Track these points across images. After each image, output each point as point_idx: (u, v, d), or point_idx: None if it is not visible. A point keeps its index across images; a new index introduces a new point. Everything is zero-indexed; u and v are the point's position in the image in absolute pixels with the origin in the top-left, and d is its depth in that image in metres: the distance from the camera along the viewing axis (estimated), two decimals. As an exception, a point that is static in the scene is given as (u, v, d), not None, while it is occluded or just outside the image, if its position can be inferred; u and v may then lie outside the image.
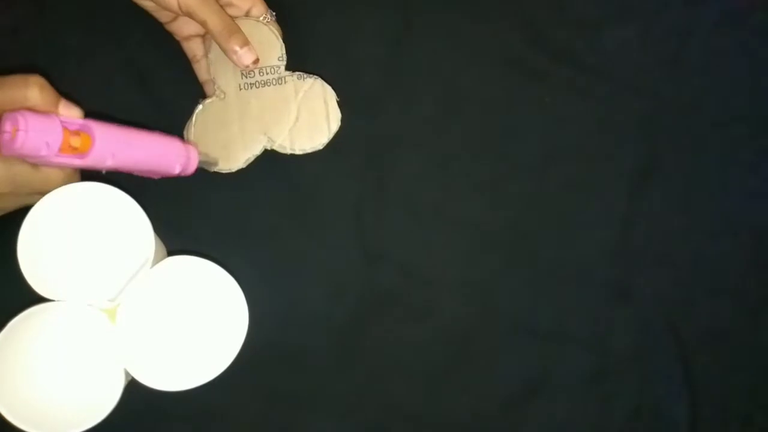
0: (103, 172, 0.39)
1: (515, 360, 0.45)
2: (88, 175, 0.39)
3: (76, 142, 0.36)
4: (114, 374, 0.37)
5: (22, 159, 0.36)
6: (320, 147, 0.44)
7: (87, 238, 0.37)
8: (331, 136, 0.44)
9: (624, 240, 0.47)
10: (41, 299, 0.37)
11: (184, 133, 0.44)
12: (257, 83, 0.45)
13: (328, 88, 0.45)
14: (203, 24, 0.42)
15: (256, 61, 0.43)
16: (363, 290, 0.45)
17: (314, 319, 0.45)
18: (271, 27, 0.45)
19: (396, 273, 0.46)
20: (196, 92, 0.46)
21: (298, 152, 0.44)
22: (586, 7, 0.50)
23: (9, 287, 0.37)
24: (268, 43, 0.45)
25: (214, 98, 0.45)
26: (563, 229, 0.47)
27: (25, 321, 0.37)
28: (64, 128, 0.35)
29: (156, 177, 0.42)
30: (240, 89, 0.45)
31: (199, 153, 0.42)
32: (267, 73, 0.45)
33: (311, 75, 0.45)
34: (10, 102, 0.35)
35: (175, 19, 0.45)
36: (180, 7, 0.42)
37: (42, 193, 0.38)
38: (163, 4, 0.42)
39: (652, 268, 0.47)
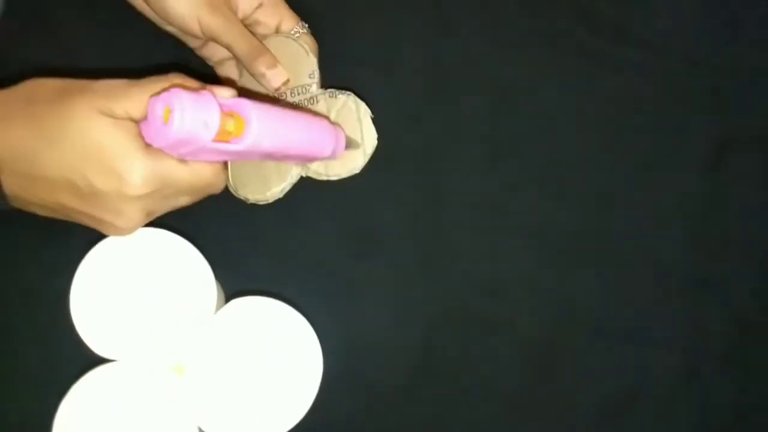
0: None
1: (600, 370, 0.44)
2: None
3: (229, 125, 0.33)
4: (187, 433, 0.36)
5: (171, 152, 0.34)
6: (357, 171, 0.42)
7: (144, 289, 0.37)
8: (367, 158, 0.42)
9: (704, 228, 0.45)
10: (101, 359, 0.36)
11: None
12: (289, 106, 0.43)
13: (362, 105, 0.42)
14: (228, 48, 0.41)
15: (287, 81, 0.42)
16: (429, 309, 0.44)
17: (382, 345, 0.43)
18: (301, 42, 0.43)
19: (462, 287, 0.44)
20: None
21: (333, 178, 0.42)
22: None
23: (64, 346, 0.36)
24: (298, 60, 0.43)
25: None
26: (637, 222, 0.45)
27: (86, 386, 0.36)
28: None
29: (305, 162, 0.40)
30: None
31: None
32: (298, 94, 0.43)
33: (343, 91, 0.43)
34: None
35: (204, 44, 0.44)
36: (203, 33, 0.41)
37: (189, 195, 0.37)
38: (186, 30, 0.41)
39: (738, 256, 0.45)
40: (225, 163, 0.37)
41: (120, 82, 0.35)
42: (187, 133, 0.31)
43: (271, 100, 0.37)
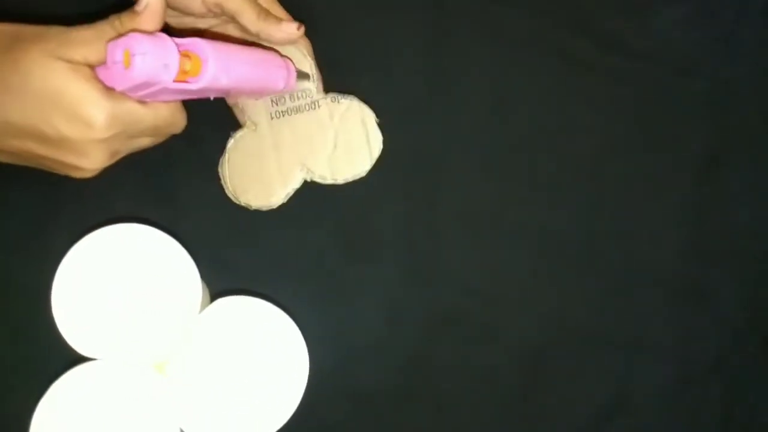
0: (211, 98, 0.37)
1: (592, 378, 0.43)
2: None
3: (186, 64, 0.33)
4: (168, 435, 0.35)
5: (131, 94, 0.34)
6: (363, 174, 0.42)
7: (128, 287, 0.35)
8: (373, 161, 0.42)
9: (697, 237, 0.44)
10: (82, 358, 0.35)
11: (219, 169, 0.42)
12: (289, 110, 0.42)
13: (366, 109, 0.42)
14: (237, 15, 0.39)
15: (300, 26, 0.41)
16: (423, 314, 0.43)
17: (373, 349, 0.42)
18: (298, 45, 0.42)
19: (456, 292, 0.43)
20: (225, 117, 0.43)
21: (340, 182, 0.42)
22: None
23: (45, 344, 0.35)
24: (297, 64, 0.42)
25: (245, 130, 0.42)
26: (630, 231, 0.44)
27: (67, 384, 0.34)
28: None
29: (258, 96, 0.40)
30: (272, 118, 0.42)
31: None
32: (298, 98, 0.42)
33: (346, 95, 0.42)
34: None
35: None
36: (207, 5, 0.39)
37: (151, 136, 0.37)
38: (185, 8, 0.39)
39: (730, 266, 0.44)
40: (183, 102, 0.38)
41: (74, 27, 0.34)
42: (149, 75, 0.32)
43: (222, 37, 0.37)
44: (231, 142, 0.42)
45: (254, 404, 0.35)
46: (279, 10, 0.41)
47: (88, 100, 0.33)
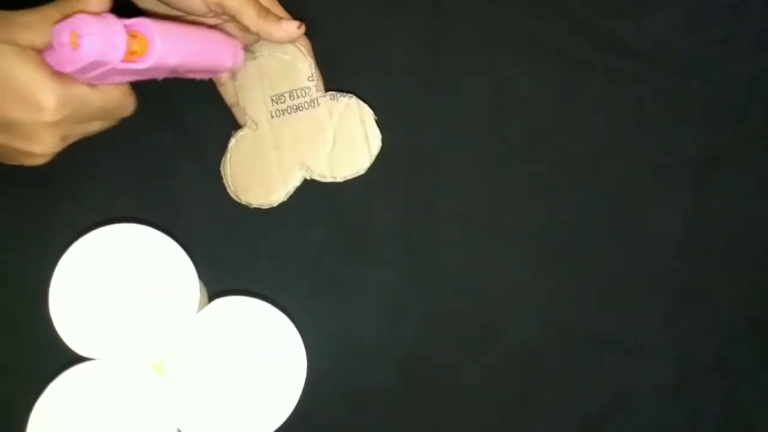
0: (160, 79, 0.36)
1: (591, 379, 0.42)
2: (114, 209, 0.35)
3: (134, 45, 0.32)
4: (166, 435, 0.34)
5: (79, 76, 0.33)
6: (362, 171, 0.42)
7: (126, 287, 0.35)
8: (372, 159, 0.42)
9: (694, 239, 0.44)
10: (80, 358, 0.34)
11: (221, 169, 0.42)
12: (289, 109, 0.42)
13: (365, 107, 0.42)
14: (237, 14, 0.39)
15: (300, 25, 0.40)
16: (421, 315, 0.42)
17: (372, 350, 0.42)
18: (297, 44, 0.42)
19: (454, 293, 0.43)
20: (221, 117, 0.43)
21: (339, 179, 0.42)
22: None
23: (43, 344, 0.35)
24: (296, 63, 0.42)
25: (246, 129, 0.42)
26: (627, 232, 0.44)
27: (64, 384, 0.34)
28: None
29: (207, 76, 0.40)
30: (272, 117, 0.42)
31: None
32: (298, 97, 0.42)
33: (345, 93, 0.42)
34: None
35: None
36: (208, 5, 0.39)
37: (101, 119, 0.37)
38: (187, 8, 0.39)
39: (730, 264, 0.44)
40: (131, 84, 0.38)
41: (18, 10, 0.33)
42: (97, 56, 0.31)
43: (169, 18, 0.37)
44: (233, 141, 0.41)
45: (252, 404, 0.34)
46: (279, 10, 0.41)
47: (37, 84, 0.32)
